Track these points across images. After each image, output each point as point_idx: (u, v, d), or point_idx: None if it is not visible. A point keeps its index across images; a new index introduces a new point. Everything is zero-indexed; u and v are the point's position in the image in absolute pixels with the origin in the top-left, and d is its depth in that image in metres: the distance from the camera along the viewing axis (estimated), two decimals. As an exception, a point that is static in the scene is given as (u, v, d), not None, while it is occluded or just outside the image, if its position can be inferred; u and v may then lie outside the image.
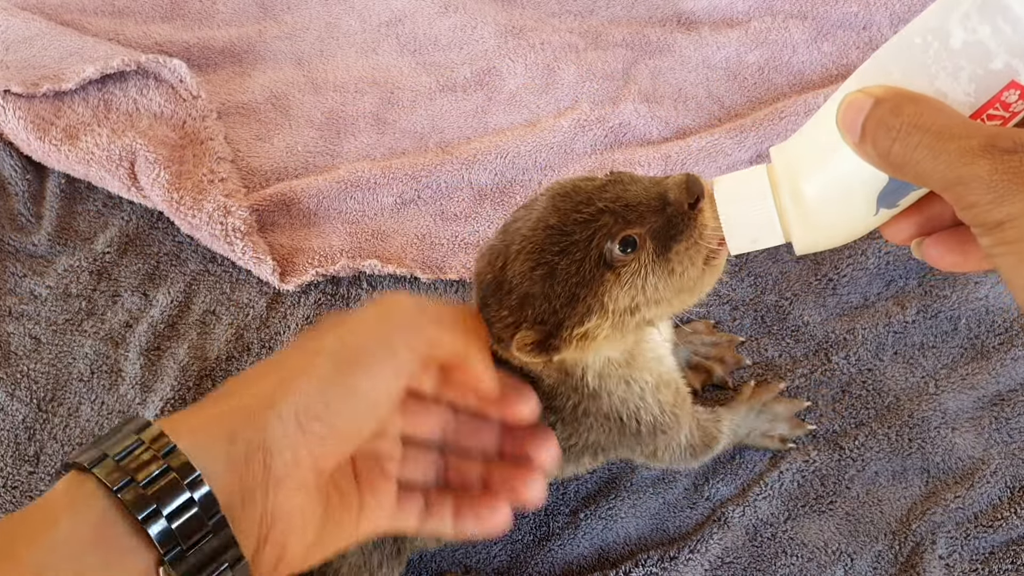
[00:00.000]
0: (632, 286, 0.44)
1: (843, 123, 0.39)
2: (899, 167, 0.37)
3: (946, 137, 0.35)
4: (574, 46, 0.93)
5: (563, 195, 0.45)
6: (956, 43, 0.36)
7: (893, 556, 0.62)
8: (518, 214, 0.47)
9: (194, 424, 0.39)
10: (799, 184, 0.42)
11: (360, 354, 0.40)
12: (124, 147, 0.79)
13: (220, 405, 0.40)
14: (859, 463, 0.65)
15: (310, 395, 0.39)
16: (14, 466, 0.68)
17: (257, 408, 0.39)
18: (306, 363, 0.40)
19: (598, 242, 0.43)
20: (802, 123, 0.88)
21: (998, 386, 0.67)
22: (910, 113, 0.36)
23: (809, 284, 0.73)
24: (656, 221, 0.44)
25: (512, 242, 0.45)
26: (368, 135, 0.88)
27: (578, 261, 0.43)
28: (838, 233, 0.43)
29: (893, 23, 0.92)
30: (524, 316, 0.44)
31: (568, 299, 0.44)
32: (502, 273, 0.45)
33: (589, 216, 0.43)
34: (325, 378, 0.40)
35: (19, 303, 0.77)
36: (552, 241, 0.44)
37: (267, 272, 0.76)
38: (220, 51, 0.94)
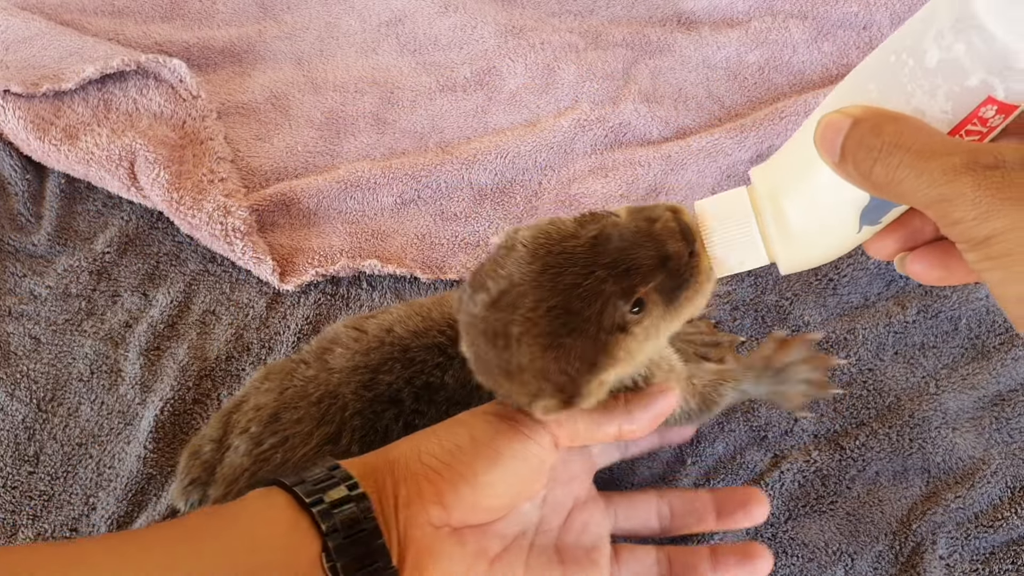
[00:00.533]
0: (645, 337, 0.45)
1: (821, 144, 0.39)
2: (881, 187, 0.37)
3: (927, 155, 0.35)
4: (574, 46, 0.93)
5: (556, 267, 0.43)
6: (931, 61, 0.36)
7: (894, 556, 0.62)
8: (501, 282, 0.44)
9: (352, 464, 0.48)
10: (781, 205, 0.42)
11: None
12: (124, 147, 0.79)
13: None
14: (860, 463, 0.65)
15: (428, 438, 0.48)
16: (14, 466, 0.68)
17: (385, 451, 0.48)
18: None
19: (609, 313, 0.43)
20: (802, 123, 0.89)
21: (998, 386, 0.67)
22: (890, 132, 0.36)
23: (809, 284, 0.73)
24: (659, 277, 0.44)
25: (511, 321, 0.44)
26: (368, 135, 0.88)
27: (592, 336, 0.43)
28: (822, 252, 0.43)
29: (893, 23, 0.92)
30: (542, 389, 0.45)
31: (587, 367, 0.44)
32: (507, 353, 0.44)
33: (592, 289, 0.43)
34: (443, 430, 0.48)
35: (19, 303, 0.77)
36: (560, 323, 0.43)
37: (267, 272, 0.76)
38: (220, 51, 0.94)
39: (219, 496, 0.56)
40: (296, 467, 0.51)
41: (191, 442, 0.62)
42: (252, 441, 0.56)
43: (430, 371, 0.54)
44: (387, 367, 0.55)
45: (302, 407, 0.55)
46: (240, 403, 0.60)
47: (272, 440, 0.55)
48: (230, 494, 0.55)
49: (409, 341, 0.55)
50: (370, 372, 0.55)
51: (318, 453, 0.53)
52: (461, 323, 0.47)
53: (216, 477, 0.57)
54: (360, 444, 0.53)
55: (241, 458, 0.56)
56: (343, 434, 0.54)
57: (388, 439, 0.53)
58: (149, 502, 0.66)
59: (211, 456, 0.59)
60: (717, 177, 0.82)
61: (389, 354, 0.55)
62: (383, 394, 0.54)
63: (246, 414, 0.58)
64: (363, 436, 0.54)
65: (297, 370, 0.58)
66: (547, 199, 0.82)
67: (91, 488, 0.67)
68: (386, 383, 0.54)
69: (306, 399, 0.55)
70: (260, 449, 0.55)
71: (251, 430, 0.56)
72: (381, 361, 0.55)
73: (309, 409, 0.55)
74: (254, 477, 0.54)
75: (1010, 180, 0.33)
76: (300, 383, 0.56)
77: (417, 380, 0.54)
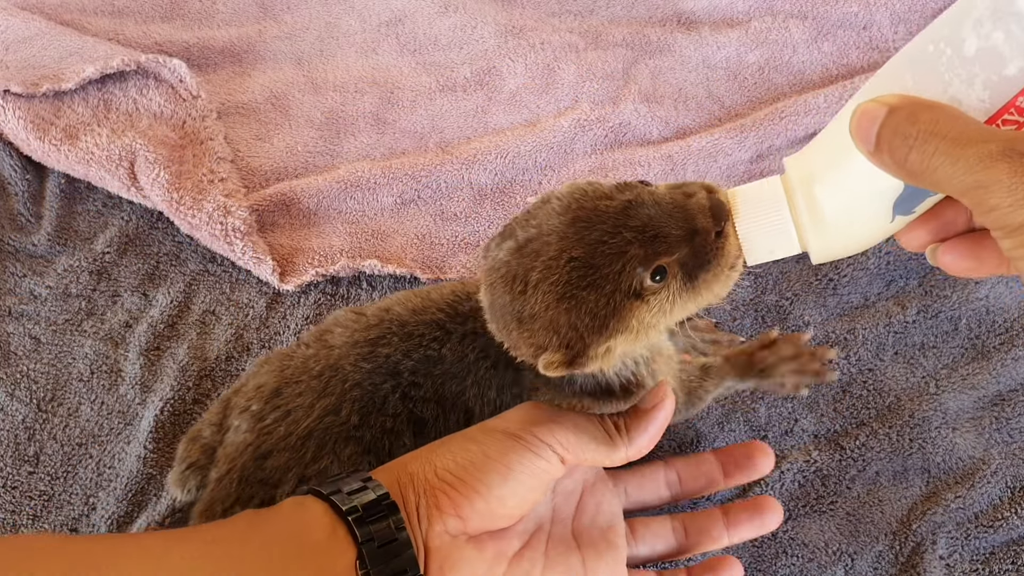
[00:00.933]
0: (660, 310, 0.45)
1: (857, 133, 0.39)
2: (917, 174, 0.37)
3: (963, 143, 0.35)
4: (574, 46, 0.93)
5: (585, 221, 0.44)
6: (969, 50, 0.36)
7: (894, 556, 0.62)
8: (530, 230, 0.45)
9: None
10: (814, 194, 0.42)
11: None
12: (124, 147, 0.79)
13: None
14: (860, 463, 0.65)
15: (442, 454, 0.49)
16: (14, 466, 0.68)
17: (402, 464, 0.49)
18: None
19: (628, 274, 0.43)
20: (802, 123, 0.89)
21: (998, 386, 0.67)
22: (926, 120, 0.36)
23: (809, 284, 0.73)
24: (684, 250, 0.44)
25: (532, 268, 0.44)
26: (368, 135, 0.88)
27: (607, 294, 0.43)
28: (855, 241, 0.43)
29: (893, 23, 0.92)
30: (549, 341, 0.45)
31: (597, 327, 0.44)
32: (522, 299, 0.45)
33: (617, 248, 0.43)
34: (456, 446, 0.49)
35: (19, 303, 0.77)
36: (579, 275, 0.43)
37: (267, 272, 0.76)
38: (220, 51, 0.94)
39: (221, 475, 0.56)
40: (325, 476, 0.53)
41: (190, 429, 0.62)
42: (254, 418, 0.56)
43: (428, 344, 0.54)
44: (385, 340, 0.55)
45: (303, 381, 0.56)
46: (239, 388, 0.61)
47: (275, 415, 0.56)
48: (233, 470, 0.55)
49: (407, 317, 0.56)
50: (369, 345, 0.55)
51: (319, 424, 0.54)
52: (483, 270, 0.48)
53: (217, 457, 0.58)
54: (359, 415, 0.54)
55: (244, 435, 0.56)
56: (343, 405, 0.54)
57: (386, 410, 0.54)
58: (149, 502, 0.66)
59: (211, 439, 0.60)
60: (717, 177, 0.82)
61: (388, 328, 0.56)
62: (381, 366, 0.54)
63: (246, 394, 0.58)
64: (362, 407, 0.54)
65: (297, 351, 0.59)
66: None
67: (91, 488, 0.67)
68: (384, 355, 0.55)
69: (307, 373, 0.56)
70: (263, 424, 0.56)
71: (252, 408, 0.57)
72: (380, 335, 0.55)
73: (310, 382, 0.55)
74: (258, 451, 0.55)
75: None
76: (300, 361, 0.57)
77: (415, 353, 0.54)
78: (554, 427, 0.49)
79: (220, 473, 0.56)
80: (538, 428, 0.48)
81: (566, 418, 0.50)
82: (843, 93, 0.84)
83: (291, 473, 0.54)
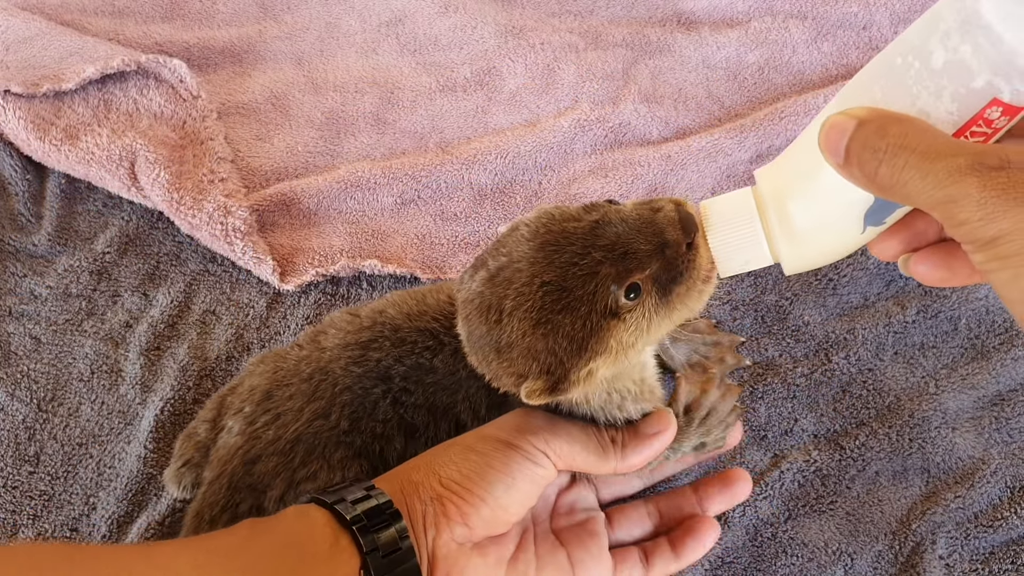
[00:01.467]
0: (637, 328, 0.45)
1: (826, 146, 0.39)
2: (887, 188, 0.37)
3: (933, 157, 0.35)
4: (574, 46, 0.93)
5: (554, 245, 0.44)
6: (937, 63, 0.36)
7: (893, 556, 0.62)
8: (501, 258, 0.45)
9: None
10: (785, 206, 0.42)
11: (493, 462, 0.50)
12: (124, 147, 0.79)
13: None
14: (860, 463, 0.65)
15: (444, 463, 0.49)
16: (14, 466, 0.68)
17: (404, 472, 0.50)
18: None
19: (602, 294, 0.43)
20: (802, 123, 0.89)
21: (998, 386, 0.68)
22: (895, 134, 0.36)
23: (809, 284, 0.73)
24: (656, 265, 0.44)
25: (505, 296, 0.44)
26: (368, 135, 0.88)
27: (583, 316, 0.43)
28: (826, 252, 0.43)
29: (893, 23, 0.92)
30: (529, 368, 0.45)
31: (576, 349, 0.44)
32: (498, 328, 0.45)
33: (588, 269, 0.43)
34: (457, 456, 0.50)
35: (19, 303, 0.77)
36: (552, 299, 0.43)
37: (267, 272, 0.76)
38: (220, 51, 0.94)
39: (213, 477, 0.56)
40: (329, 485, 0.53)
41: (187, 427, 0.63)
42: (245, 420, 0.56)
43: (420, 352, 0.54)
44: (377, 344, 0.55)
45: (294, 384, 0.56)
46: (235, 387, 0.61)
47: (265, 418, 0.56)
48: (223, 475, 0.55)
49: (401, 322, 0.55)
50: (360, 348, 0.55)
51: (309, 428, 0.54)
52: (459, 301, 0.48)
53: (211, 458, 0.58)
54: (350, 420, 0.54)
55: (235, 438, 0.56)
56: (333, 409, 0.54)
57: (376, 415, 0.54)
58: (149, 502, 0.66)
59: (205, 437, 0.60)
60: (717, 177, 0.82)
61: (380, 332, 0.55)
62: (372, 370, 0.54)
63: (240, 395, 0.58)
64: (352, 412, 0.54)
65: (291, 353, 0.59)
66: (547, 199, 0.82)
67: (91, 488, 0.67)
68: (375, 359, 0.54)
69: (297, 376, 0.56)
70: (253, 428, 0.56)
71: (244, 410, 0.57)
72: (371, 339, 0.55)
73: (300, 386, 0.55)
74: (247, 455, 0.55)
75: (1015, 181, 0.33)
76: (293, 363, 0.57)
77: (407, 359, 0.54)
78: (549, 437, 0.49)
79: (212, 476, 0.57)
80: (535, 437, 0.49)
81: (560, 427, 0.50)
82: (843, 93, 0.84)
83: (279, 478, 0.54)
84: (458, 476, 0.48)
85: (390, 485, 0.49)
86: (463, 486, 0.48)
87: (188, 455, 0.60)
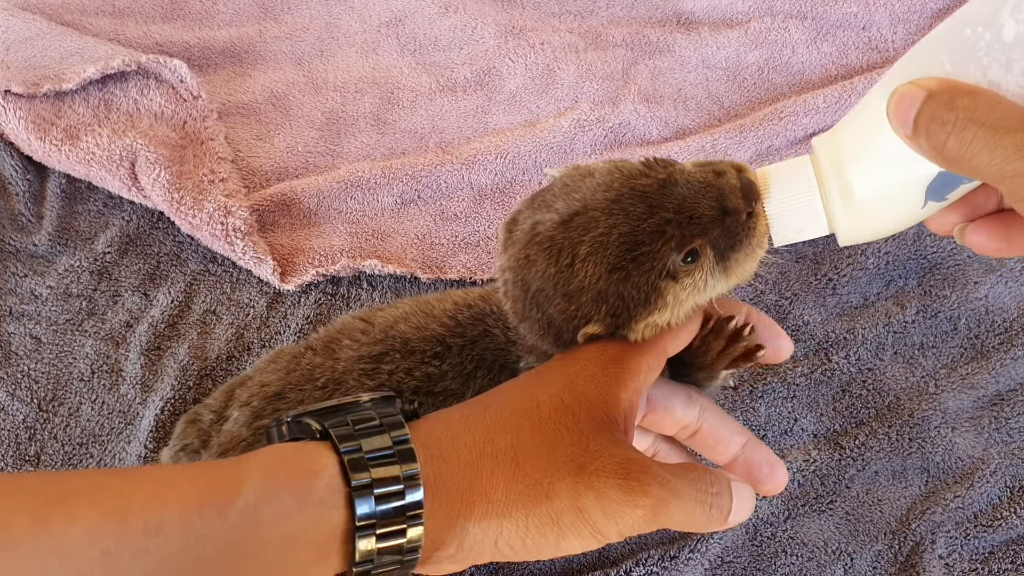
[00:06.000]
0: (694, 288, 0.46)
1: (895, 116, 0.38)
2: (954, 161, 0.37)
3: (1002, 131, 0.35)
4: (574, 46, 0.93)
5: (629, 199, 0.45)
6: (1008, 35, 0.36)
7: (893, 555, 0.62)
8: (574, 203, 0.46)
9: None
10: (846, 176, 0.42)
11: (556, 514, 0.41)
12: (125, 147, 0.79)
13: (438, 468, 0.41)
14: (859, 462, 0.65)
15: (511, 530, 0.41)
16: (15, 466, 0.68)
17: (460, 509, 0.41)
18: (507, 475, 0.41)
19: (665, 254, 0.44)
20: (801, 123, 0.89)
21: (998, 386, 0.68)
22: (964, 107, 0.36)
23: (809, 284, 0.73)
24: (716, 231, 0.44)
25: (580, 242, 0.45)
26: (368, 135, 0.88)
27: (646, 271, 0.45)
28: (884, 225, 0.43)
29: (893, 23, 0.92)
30: (598, 311, 0.46)
31: (643, 300, 0.45)
32: (569, 271, 0.46)
33: (656, 227, 0.44)
34: (523, 521, 0.41)
35: (20, 303, 0.77)
36: (626, 249, 0.44)
37: (267, 272, 0.76)
38: (220, 51, 0.94)
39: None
40: None
41: (191, 410, 0.62)
42: (252, 414, 0.57)
43: (429, 361, 0.55)
44: (388, 358, 0.56)
45: (307, 389, 0.56)
46: (245, 380, 0.61)
47: (273, 417, 0.56)
48: None
49: (410, 335, 0.56)
50: (372, 361, 0.56)
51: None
52: (511, 241, 0.48)
53: (211, 444, 0.58)
54: None
55: (240, 428, 0.56)
56: None
57: None
58: (150, 501, 0.66)
59: (209, 425, 0.60)
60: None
61: (391, 346, 0.56)
62: (384, 383, 0.55)
63: (250, 389, 0.59)
64: None
65: (304, 355, 0.59)
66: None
67: (92, 488, 0.67)
68: (387, 371, 0.55)
69: (312, 382, 0.56)
70: (260, 422, 0.56)
71: (253, 404, 0.57)
72: (383, 352, 0.56)
73: (313, 392, 0.56)
74: (250, 448, 0.55)
75: None
76: (307, 368, 0.58)
77: (416, 371, 0.55)
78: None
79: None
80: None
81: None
82: (842, 93, 0.84)
83: None
84: (510, 553, 0.42)
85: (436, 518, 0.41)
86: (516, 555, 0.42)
87: (188, 439, 0.60)
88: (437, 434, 0.43)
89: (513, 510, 0.41)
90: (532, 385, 0.46)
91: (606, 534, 0.40)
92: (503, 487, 0.41)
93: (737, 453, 0.50)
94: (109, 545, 0.34)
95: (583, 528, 0.40)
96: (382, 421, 0.41)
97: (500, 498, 0.41)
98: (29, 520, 0.33)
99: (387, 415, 0.42)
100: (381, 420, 0.41)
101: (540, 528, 0.41)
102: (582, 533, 0.40)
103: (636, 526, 0.40)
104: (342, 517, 0.38)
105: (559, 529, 0.40)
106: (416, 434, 0.42)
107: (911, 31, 0.92)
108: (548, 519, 0.40)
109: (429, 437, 0.42)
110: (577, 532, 0.40)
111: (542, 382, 0.46)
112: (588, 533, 0.40)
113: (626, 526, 0.40)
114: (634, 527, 0.40)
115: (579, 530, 0.40)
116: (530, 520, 0.41)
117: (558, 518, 0.40)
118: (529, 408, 0.44)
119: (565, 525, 0.40)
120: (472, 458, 0.42)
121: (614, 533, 0.40)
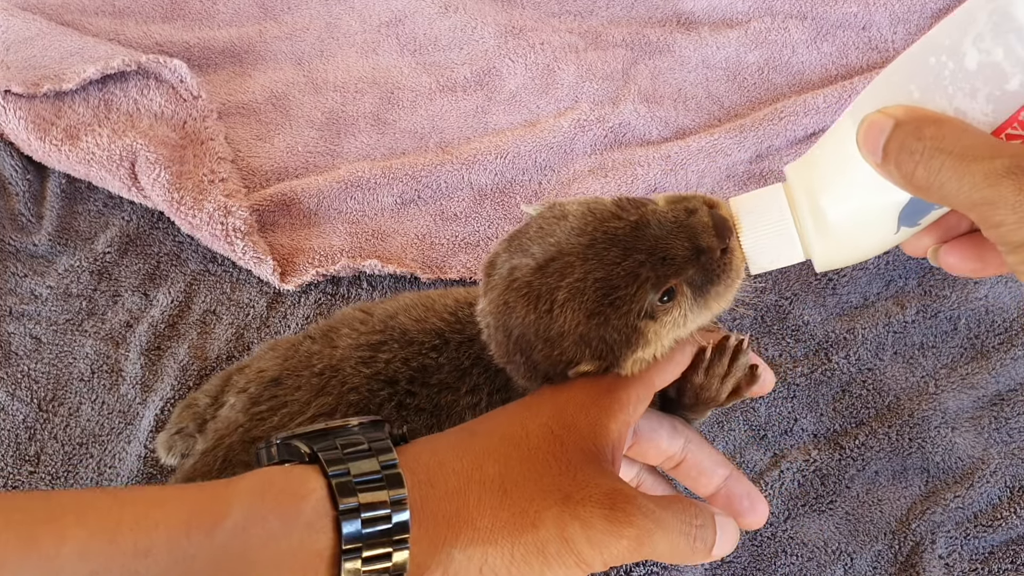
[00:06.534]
0: (673, 325, 0.46)
1: (864, 145, 0.39)
2: (923, 189, 0.37)
3: (969, 159, 0.35)
4: (574, 46, 0.93)
5: (603, 243, 0.45)
6: (971, 64, 0.36)
7: (893, 555, 0.62)
8: (549, 248, 0.46)
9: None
10: (819, 203, 0.42)
11: (542, 543, 0.41)
12: (125, 147, 0.79)
13: (425, 494, 0.41)
14: (859, 462, 0.65)
15: (496, 557, 0.41)
16: (14, 466, 0.68)
17: (446, 536, 0.41)
18: (493, 501, 0.41)
19: (641, 296, 0.45)
20: (801, 123, 0.89)
21: (998, 386, 0.68)
22: (931, 135, 0.36)
23: (809, 284, 0.73)
24: (691, 270, 0.45)
25: (557, 288, 0.45)
26: (368, 135, 0.88)
27: (625, 314, 0.45)
28: (858, 252, 0.43)
29: (893, 23, 0.92)
30: (582, 354, 0.46)
31: (624, 341, 0.46)
32: (548, 317, 0.46)
33: (631, 270, 0.45)
34: (508, 549, 0.41)
35: (20, 303, 0.77)
36: (603, 294, 0.45)
37: (267, 272, 0.76)
38: (220, 51, 0.94)
39: (208, 448, 0.57)
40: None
41: (188, 396, 0.63)
42: (249, 400, 0.57)
43: (426, 352, 0.55)
44: (386, 347, 0.56)
45: (304, 376, 0.56)
46: (243, 367, 0.61)
47: (270, 403, 0.56)
48: (219, 447, 0.56)
49: (409, 326, 0.57)
50: (370, 350, 0.56)
51: (312, 421, 0.55)
52: (490, 285, 0.49)
53: (207, 429, 0.59)
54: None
55: (237, 414, 0.57)
56: (339, 407, 0.55)
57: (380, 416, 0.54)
58: (150, 501, 0.66)
59: (205, 409, 0.60)
60: (717, 177, 0.82)
61: (390, 336, 0.57)
62: (380, 372, 0.55)
63: (247, 375, 0.59)
64: (358, 412, 0.55)
65: (303, 344, 0.59)
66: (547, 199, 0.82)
67: (92, 487, 0.67)
68: (384, 360, 0.55)
69: (308, 369, 0.57)
70: (257, 408, 0.56)
71: (250, 390, 0.57)
72: (382, 341, 0.56)
73: (310, 379, 0.56)
74: (248, 434, 0.55)
75: None
76: (304, 355, 0.58)
77: (413, 361, 0.55)
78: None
79: (207, 447, 0.57)
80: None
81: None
82: (842, 93, 0.84)
83: None
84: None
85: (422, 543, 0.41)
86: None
87: (184, 424, 0.61)
88: (425, 460, 0.43)
89: (499, 538, 0.41)
90: (522, 413, 0.46)
91: (591, 564, 0.41)
92: (490, 514, 0.41)
93: (720, 485, 0.51)
94: (98, 565, 0.34)
95: (568, 557, 0.40)
96: (371, 445, 0.41)
97: (486, 525, 0.41)
98: (17, 539, 0.33)
99: (376, 439, 0.42)
100: (370, 444, 0.41)
101: (525, 556, 0.41)
102: (567, 562, 0.41)
103: (621, 556, 0.40)
104: (329, 540, 0.38)
105: (544, 558, 0.40)
106: (404, 459, 0.42)
107: (911, 31, 0.92)
108: (534, 547, 0.40)
109: (417, 463, 0.42)
110: (562, 561, 0.41)
111: (532, 410, 0.46)
112: (573, 562, 0.41)
113: (611, 556, 0.40)
114: (619, 557, 0.41)
115: (564, 559, 0.40)
116: (516, 548, 0.41)
117: (544, 547, 0.40)
118: (518, 436, 0.44)
119: (550, 554, 0.40)
120: (460, 485, 0.42)
121: (599, 563, 0.41)
